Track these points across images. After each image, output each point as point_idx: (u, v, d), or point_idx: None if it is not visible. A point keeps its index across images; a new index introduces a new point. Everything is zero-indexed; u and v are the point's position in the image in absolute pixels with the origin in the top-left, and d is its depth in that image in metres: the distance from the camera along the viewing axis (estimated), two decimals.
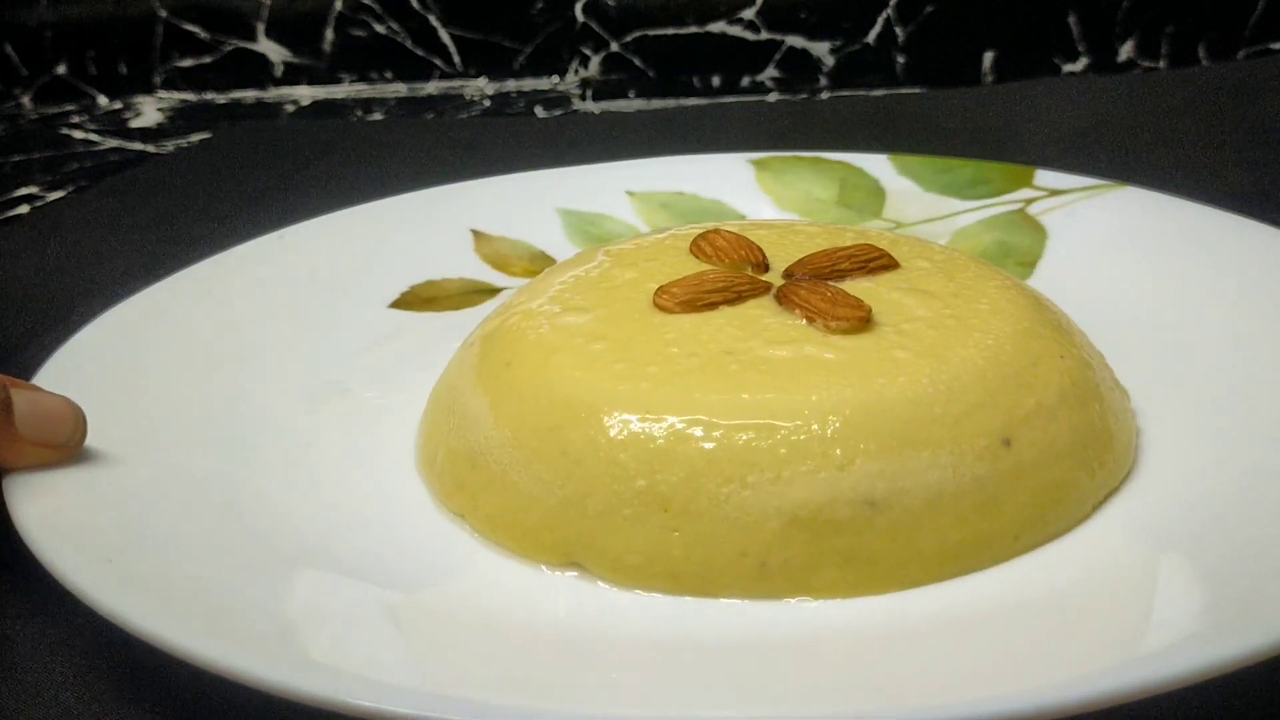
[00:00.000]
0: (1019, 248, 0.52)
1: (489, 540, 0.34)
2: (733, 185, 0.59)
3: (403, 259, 0.52)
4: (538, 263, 0.54)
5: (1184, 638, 0.26)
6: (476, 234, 0.55)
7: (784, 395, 0.32)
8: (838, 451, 0.31)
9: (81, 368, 0.40)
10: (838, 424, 0.32)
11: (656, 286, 0.38)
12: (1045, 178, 0.56)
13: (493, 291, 0.52)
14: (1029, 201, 0.54)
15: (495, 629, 0.30)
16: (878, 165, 0.59)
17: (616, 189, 0.58)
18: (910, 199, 0.57)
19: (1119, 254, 0.49)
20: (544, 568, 0.33)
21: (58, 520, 0.32)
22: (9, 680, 0.31)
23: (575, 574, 0.33)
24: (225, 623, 0.29)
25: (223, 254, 0.50)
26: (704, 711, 0.26)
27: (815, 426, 0.32)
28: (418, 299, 0.51)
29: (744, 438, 0.32)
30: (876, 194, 0.57)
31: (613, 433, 0.33)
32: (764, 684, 0.28)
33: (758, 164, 0.60)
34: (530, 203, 0.57)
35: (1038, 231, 0.52)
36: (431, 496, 0.37)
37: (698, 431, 0.32)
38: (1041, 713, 0.24)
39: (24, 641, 0.33)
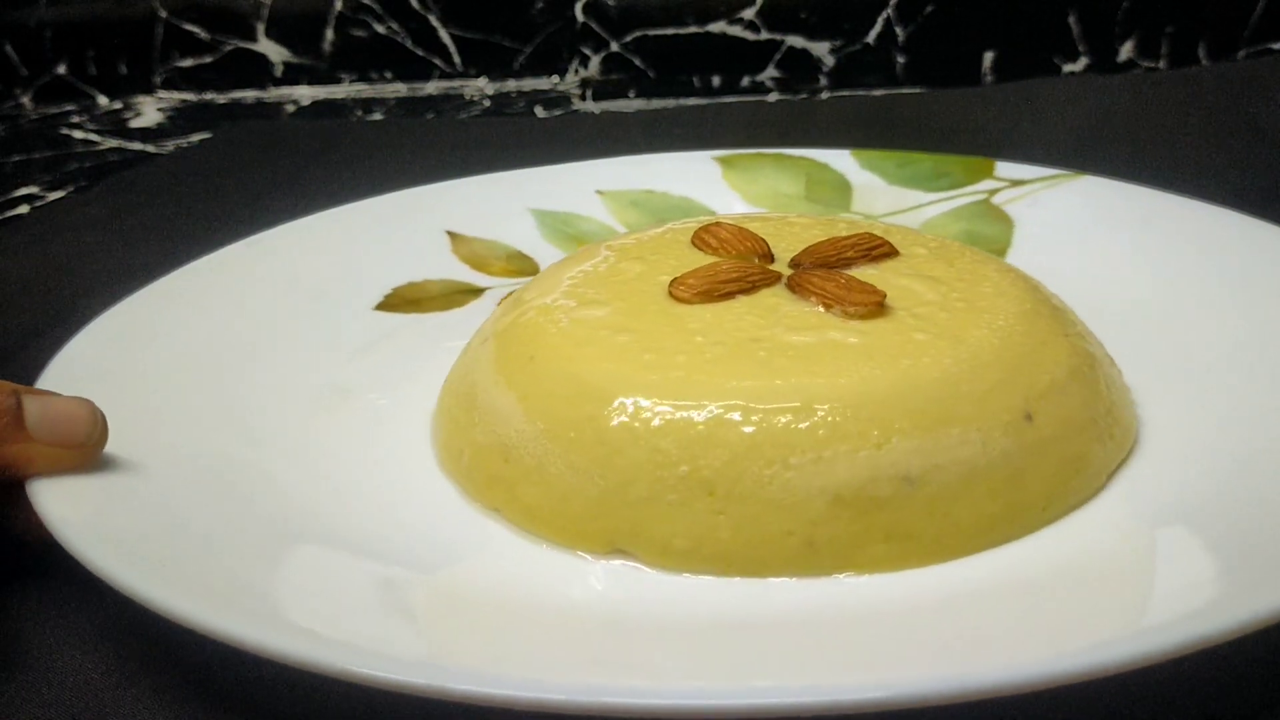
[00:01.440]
0: (987, 236, 0.53)
1: (528, 532, 0.35)
2: (700, 182, 0.60)
3: (381, 262, 0.53)
4: (515, 262, 0.54)
5: (1223, 593, 0.28)
6: (452, 235, 0.55)
7: (816, 378, 0.33)
8: (875, 431, 0.32)
9: (81, 376, 0.40)
10: (872, 405, 0.33)
11: (666, 279, 0.39)
12: (1006, 169, 0.57)
13: (476, 291, 0.52)
14: (993, 192, 0.56)
15: (550, 614, 0.31)
16: (841, 160, 0.60)
17: (587, 188, 0.59)
18: (876, 192, 0.58)
19: (1086, 240, 0.51)
20: (588, 556, 0.34)
21: (98, 525, 0.32)
22: (12, 678, 0.32)
23: (621, 561, 0.33)
24: (282, 617, 0.29)
25: (200, 260, 0.50)
26: (764, 682, 0.27)
27: (851, 408, 0.33)
28: (402, 301, 0.51)
29: (783, 420, 0.32)
30: (843, 188, 0.59)
31: (651, 421, 0.33)
32: (820, 658, 0.29)
33: (723, 161, 0.61)
34: (502, 203, 0.58)
35: (1004, 221, 0.54)
36: (460, 493, 0.37)
37: (736, 416, 0.33)
38: (1093, 673, 0.25)
39: (26, 638, 0.33)
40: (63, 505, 0.32)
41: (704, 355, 0.35)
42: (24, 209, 0.72)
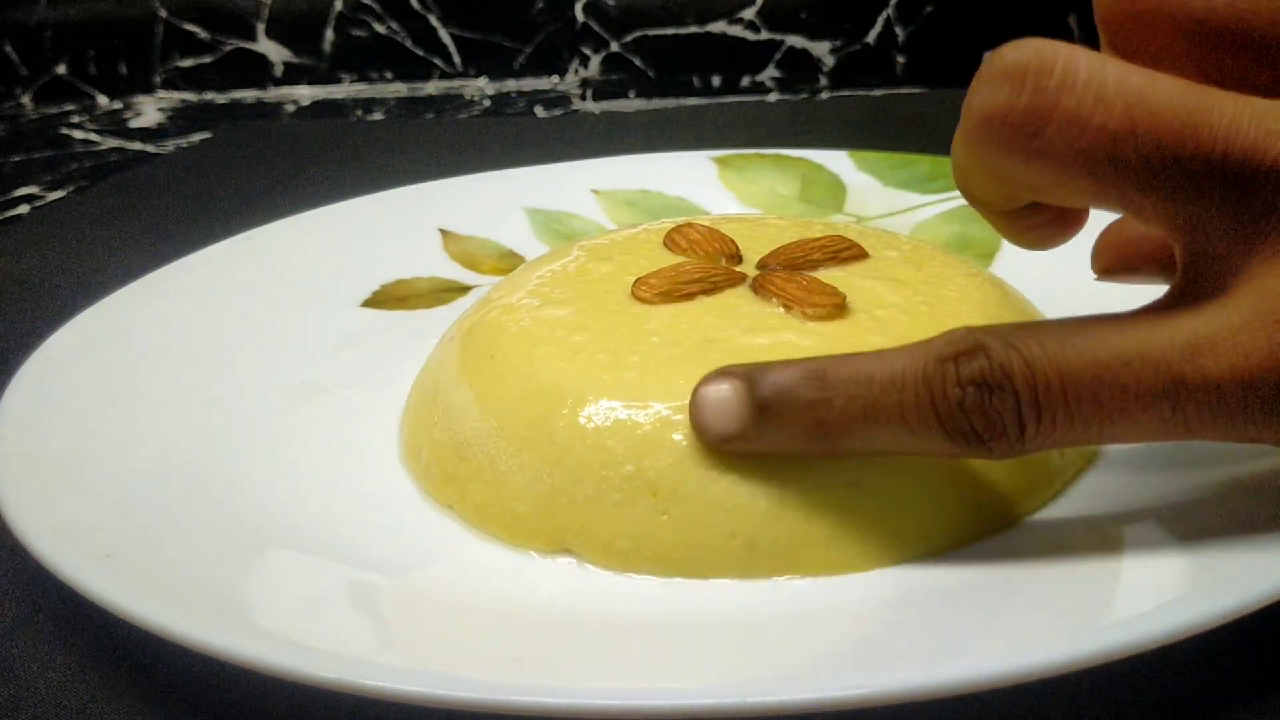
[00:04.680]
0: (977, 239, 0.53)
1: (479, 530, 0.35)
2: (696, 182, 0.60)
3: (372, 259, 0.53)
4: (506, 261, 0.54)
5: (1159, 603, 0.28)
6: (445, 233, 0.56)
7: None
8: None
9: (60, 370, 0.41)
10: None
11: (633, 279, 0.39)
12: None
13: (464, 289, 0.52)
14: None
15: (492, 612, 0.31)
16: (838, 161, 0.60)
17: (582, 187, 0.59)
18: (871, 194, 0.58)
19: (1074, 243, 0.50)
20: (535, 555, 0.34)
21: (52, 518, 0.32)
22: (5, 678, 0.32)
23: (566, 559, 0.33)
24: (231, 613, 0.29)
25: (192, 256, 0.51)
26: (698, 684, 0.27)
27: None
28: (389, 298, 0.51)
29: None
30: (838, 189, 0.59)
31: (600, 420, 0.33)
32: (755, 658, 0.29)
33: (720, 161, 0.61)
34: (497, 202, 0.58)
35: None
36: (419, 490, 0.37)
37: (683, 417, 0.33)
38: (1023, 676, 0.25)
39: (19, 640, 0.33)
40: (19, 497, 0.33)
41: (658, 356, 0.35)
42: (24, 209, 0.73)
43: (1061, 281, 0.46)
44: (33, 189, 0.76)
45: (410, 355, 0.43)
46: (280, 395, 0.43)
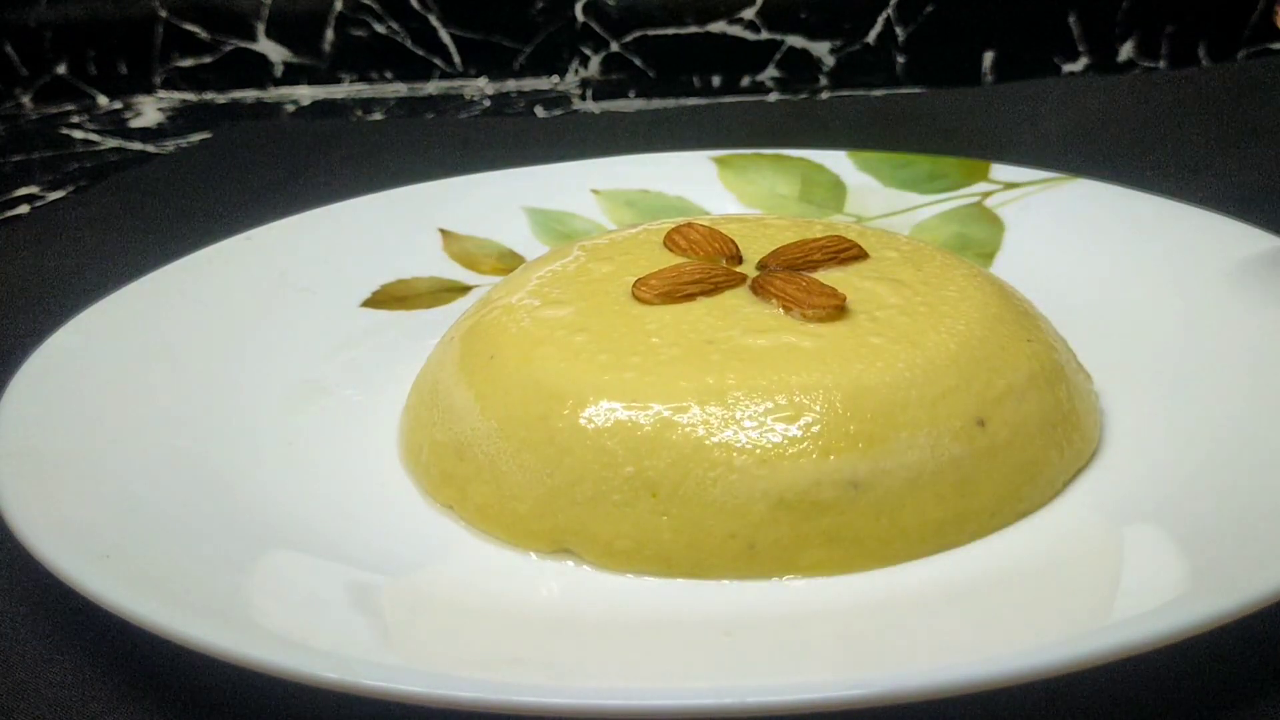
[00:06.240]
0: (977, 239, 0.53)
1: (479, 530, 0.35)
2: (696, 182, 0.60)
3: (372, 259, 0.53)
4: (506, 260, 0.54)
5: (1158, 603, 0.27)
6: (445, 233, 0.56)
7: (765, 381, 0.33)
8: (821, 435, 0.32)
9: (60, 370, 0.41)
10: (820, 408, 0.33)
11: (633, 279, 0.39)
12: (1001, 171, 0.57)
13: (463, 289, 0.52)
14: (986, 195, 0.56)
15: (492, 612, 0.31)
16: (837, 161, 0.60)
17: (582, 187, 0.59)
18: (871, 194, 0.58)
19: (1074, 244, 0.50)
20: (535, 555, 0.34)
21: (52, 518, 0.32)
22: (4, 678, 0.32)
23: (567, 560, 0.33)
24: (231, 613, 0.29)
25: (192, 256, 0.51)
26: (698, 684, 0.27)
27: (798, 411, 0.33)
28: (389, 298, 0.51)
29: (729, 423, 0.32)
30: (838, 189, 0.59)
31: (600, 421, 0.33)
32: (755, 658, 0.29)
33: (720, 161, 0.61)
34: (497, 202, 0.58)
35: (995, 224, 0.54)
36: (419, 490, 0.37)
37: (683, 418, 0.33)
38: (1022, 676, 0.25)
39: (19, 639, 0.33)
40: (19, 497, 0.33)
41: (658, 357, 0.35)
42: (24, 209, 0.73)
43: (1062, 281, 0.46)
44: (33, 189, 0.76)
45: (410, 355, 0.43)
46: (280, 395, 0.43)
